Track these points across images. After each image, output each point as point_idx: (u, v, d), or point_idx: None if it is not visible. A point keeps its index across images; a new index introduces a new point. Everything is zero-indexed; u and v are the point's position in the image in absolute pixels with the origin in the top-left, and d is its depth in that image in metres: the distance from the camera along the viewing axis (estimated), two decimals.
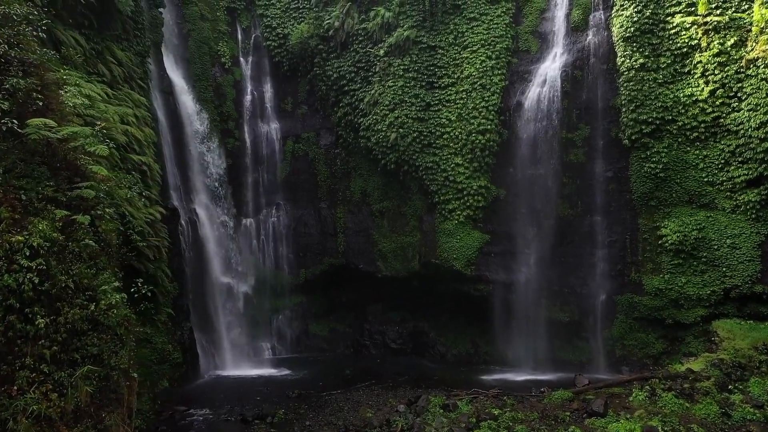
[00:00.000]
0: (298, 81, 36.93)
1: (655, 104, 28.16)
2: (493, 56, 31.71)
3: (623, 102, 28.84)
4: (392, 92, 32.71)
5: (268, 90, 37.03)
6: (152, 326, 25.03)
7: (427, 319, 34.84)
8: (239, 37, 36.78)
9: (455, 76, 32.36)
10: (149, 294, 15.22)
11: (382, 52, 33.38)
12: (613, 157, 29.65)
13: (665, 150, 28.08)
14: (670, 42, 28.16)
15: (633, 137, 28.58)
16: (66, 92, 13.88)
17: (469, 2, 32.70)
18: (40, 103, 12.10)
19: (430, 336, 34.29)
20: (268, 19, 36.57)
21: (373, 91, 33.40)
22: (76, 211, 11.68)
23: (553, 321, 30.79)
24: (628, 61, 28.74)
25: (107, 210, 12.76)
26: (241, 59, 36.61)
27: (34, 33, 13.77)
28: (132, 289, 14.36)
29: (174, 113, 31.01)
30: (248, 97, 36.44)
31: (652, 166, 28.27)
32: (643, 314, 28.62)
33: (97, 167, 12.76)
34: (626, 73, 28.75)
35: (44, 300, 10.48)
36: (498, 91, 31.38)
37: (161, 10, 31.35)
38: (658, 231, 28.31)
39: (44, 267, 10.50)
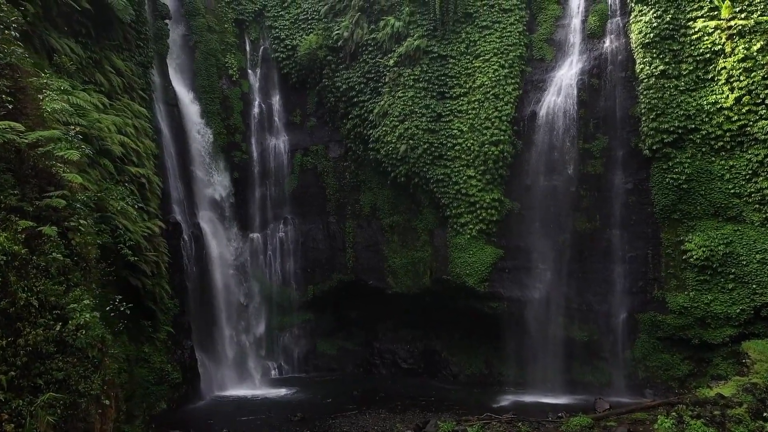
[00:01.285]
0: (306, 93, 36.19)
1: (677, 112, 26.85)
2: (507, 65, 30.68)
3: (643, 110, 27.58)
4: (402, 103, 31.78)
5: (276, 102, 36.33)
6: (150, 345, 24.16)
7: (439, 338, 33.53)
8: (247, 49, 36.21)
9: (467, 86, 31.35)
10: (128, 312, 14.12)
11: (392, 62, 32.52)
12: (633, 168, 28.34)
13: (688, 160, 26.70)
14: (692, 48, 26.89)
15: (654, 147, 27.26)
16: (45, 97, 13.05)
17: (481, 10, 31.78)
18: (10, 106, 11.25)
19: (443, 355, 32.94)
20: (277, 30, 35.98)
21: (382, 102, 32.51)
22: (44, 222, 10.75)
23: (571, 340, 29.32)
24: (647, 68, 27.52)
25: (82, 221, 11.80)
26: (249, 71, 35.99)
27: (12, 34, 12.94)
28: (108, 308, 13.32)
29: (179, 126, 30.35)
30: (256, 110, 35.75)
31: (674, 177, 26.89)
32: (667, 334, 27.08)
33: (72, 175, 11.85)
34: (646, 80, 27.52)
35: (1, 320, 9.50)
36: (511, 100, 30.28)
37: (167, 21, 30.89)
38: (682, 245, 26.84)
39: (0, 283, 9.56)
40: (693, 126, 26.61)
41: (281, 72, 36.16)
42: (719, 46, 26.21)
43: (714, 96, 26.24)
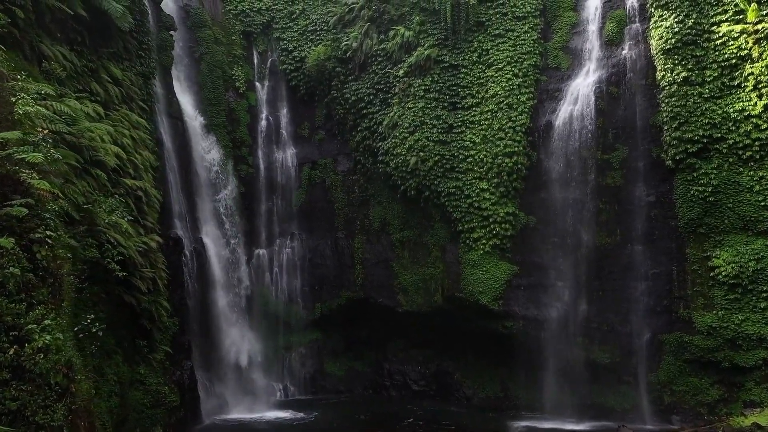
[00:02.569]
0: (315, 105, 35.34)
1: (702, 121, 25.49)
2: (520, 74, 29.57)
3: (665, 119, 26.26)
4: (412, 114, 30.76)
5: (284, 115, 35.50)
6: (146, 366, 22.99)
7: (451, 359, 32.12)
8: (255, 61, 35.51)
9: (479, 96, 30.27)
10: (100, 333, 13.01)
11: (401, 72, 31.59)
12: (655, 180, 26.97)
13: (714, 171, 25.26)
14: (717, 53, 25.59)
15: (677, 157, 25.89)
16: (19, 100, 12.13)
17: (493, 19, 30.81)
18: None
19: (455, 377, 31.48)
20: (285, 42, 35.27)
21: (392, 114, 31.51)
22: (3, 233, 9.70)
23: (592, 362, 27.79)
24: (669, 75, 26.26)
25: (50, 233, 10.74)
26: (257, 84, 35.24)
27: None
28: (77, 328, 12.22)
29: (182, 138, 29.56)
30: (263, 123, 34.93)
31: (699, 189, 25.43)
32: (695, 356, 25.44)
33: (40, 182, 10.83)
34: (668, 88, 26.24)
35: None
36: (526, 110, 29.13)
37: (172, 33, 30.25)
38: (709, 262, 25.32)
39: None
40: (719, 135, 25.25)
41: (289, 84, 35.38)
42: (746, 51, 24.93)
43: (741, 103, 24.91)
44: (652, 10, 27.31)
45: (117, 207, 17.57)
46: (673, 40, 26.20)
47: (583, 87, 28.59)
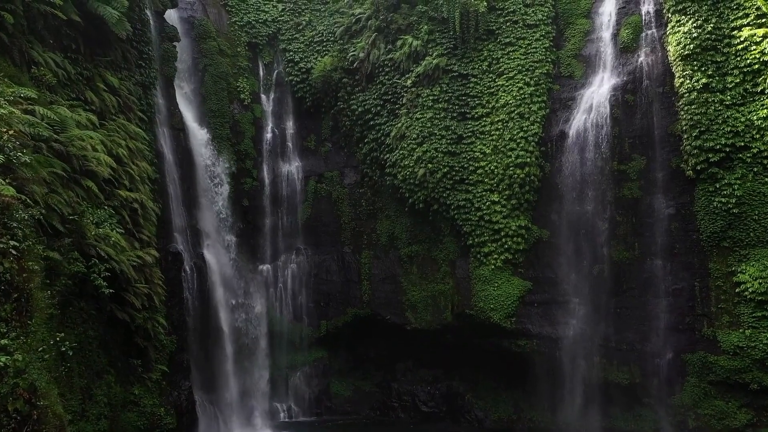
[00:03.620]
0: (321, 117, 34.56)
1: (723, 129, 24.32)
2: (532, 82, 28.63)
3: (685, 128, 25.13)
4: (420, 125, 29.86)
5: (290, 127, 34.72)
6: (141, 386, 21.95)
7: (462, 379, 30.91)
8: (261, 73, 34.84)
9: (490, 106, 29.34)
10: (70, 353, 12.02)
11: (409, 82, 30.77)
12: (675, 191, 25.80)
13: (738, 181, 24.01)
14: (738, 59, 24.48)
15: (698, 167, 24.70)
16: None
17: (504, 27, 29.98)
18: None
19: (466, 398, 30.22)
20: (291, 53, 34.60)
21: (399, 125, 30.63)
22: None
23: (610, 383, 26.51)
24: (688, 81, 25.15)
25: (17, 243, 9.82)
26: (262, 95, 34.54)
27: None
28: (41, 348, 11.24)
29: (184, 151, 28.79)
30: (268, 135, 34.15)
31: (722, 200, 24.19)
32: (721, 377, 24.03)
33: (4, 187, 9.94)
34: (687, 95, 25.13)
35: None
36: (538, 120, 28.15)
37: (175, 43, 29.67)
38: (734, 277, 24.00)
39: None
40: (742, 144, 24.08)
41: (295, 96, 34.65)
42: None
43: (765, 110, 23.82)
44: (669, 15, 26.31)
45: (106, 219, 16.72)
46: (691, 46, 25.14)
47: (597, 95, 27.57)
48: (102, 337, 19.17)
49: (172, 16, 30.77)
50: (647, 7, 27.56)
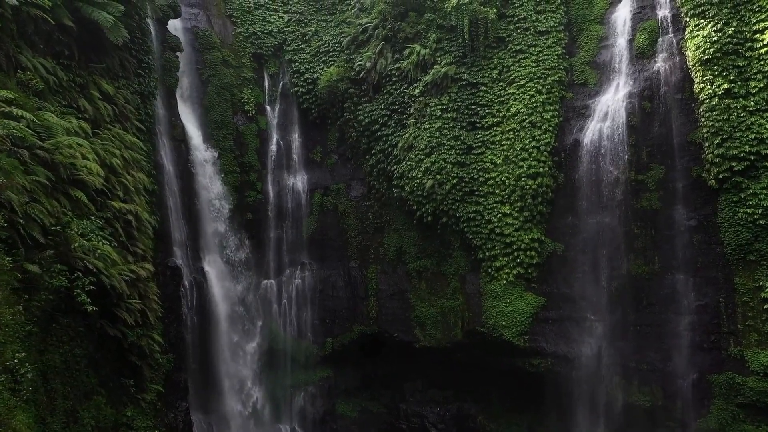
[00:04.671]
0: (327, 128, 33.73)
1: (747, 136, 23.14)
2: (544, 90, 27.67)
3: (706, 135, 23.96)
4: (428, 135, 28.92)
5: (295, 139, 33.91)
6: (134, 407, 20.86)
7: (474, 400, 29.70)
8: (266, 84, 34.13)
9: (500, 115, 28.37)
10: (30, 375, 11.02)
11: (417, 91, 29.91)
12: (697, 202, 24.58)
13: (764, 191, 22.81)
14: (762, 62, 23.38)
15: (721, 177, 23.49)
16: None
17: (514, 34, 29.14)
18: None
19: (478, 420, 29.05)
20: (297, 64, 33.90)
21: (407, 135, 29.72)
22: None
23: (630, 406, 25.25)
24: (709, 87, 24.02)
25: None
26: (267, 107, 33.80)
27: None
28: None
29: (185, 162, 28.07)
30: (273, 147, 33.34)
31: (748, 211, 22.92)
32: (750, 399, 22.63)
33: None
34: (708, 101, 23.99)
35: None
36: (551, 128, 27.13)
37: (177, 54, 29.07)
38: (762, 292, 22.66)
39: None
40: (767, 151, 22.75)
41: (301, 107, 33.88)
42: None
43: None
44: (687, 19, 25.27)
45: (94, 230, 15.77)
46: (711, 50, 24.05)
47: (613, 102, 26.51)
48: (91, 355, 18.17)
49: (175, 26, 30.28)
50: (664, 12, 26.56)
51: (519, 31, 29.08)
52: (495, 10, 29.06)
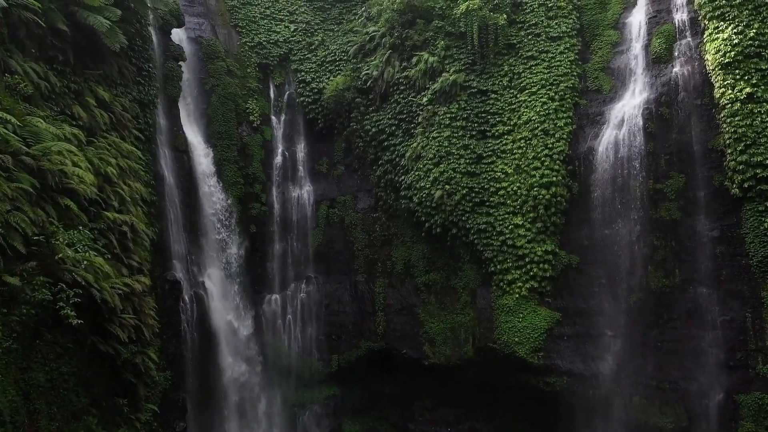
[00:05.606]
0: (334, 139, 32.98)
1: None
2: (557, 97, 26.77)
3: (728, 142, 22.85)
4: (437, 144, 28.04)
5: (301, 150, 33.17)
6: (128, 427, 19.92)
7: (486, 419, 28.55)
8: (271, 94, 33.50)
9: (511, 123, 27.46)
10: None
11: (425, 100, 29.09)
12: (719, 212, 23.39)
13: None
14: None
15: (745, 185, 22.35)
16: None
17: (525, 40, 28.34)
18: None
19: None
20: (303, 73, 33.26)
21: (415, 144, 28.85)
22: None
23: (652, 427, 23.96)
24: (730, 92, 22.96)
25: None
26: (273, 117, 33.13)
27: None
28: None
29: (187, 173, 27.38)
30: (278, 158, 32.61)
31: None
32: None
33: None
34: (729, 106, 22.92)
35: None
36: (564, 136, 26.18)
37: (180, 63, 28.52)
38: None
39: None
40: None
41: (307, 117, 33.18)
42: None
43: None
44: (706, 22, 24.27)
45: (82, 240, 14.94)
46: (732, 53, 23.01)
47: (628, 109, 25.51)
48: (81, 373, 17.29)
49: (179, 36, 29.78)
50: (681, 15, 25.58)
51: (530, 37, 28.27)
52: (505, 16, 28.26)
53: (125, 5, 21.81)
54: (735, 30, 23.16)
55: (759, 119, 22.28)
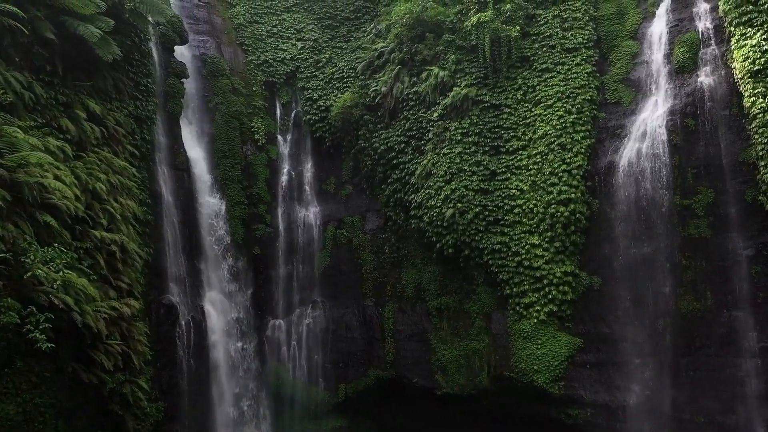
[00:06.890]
0: (341, 158, 31.83)
1: None
2: (574, 110, 25.48)
3: (761, 154, 21.30)
4: (448, 160, 26.75)
5: (308, 170, 32.05)
6: None
7: None
8: (278, 113, 32.56)
9: (526, 138, 26.15)
10: None
11: (436, 115, 27.93)
12: (754, 229, 21.76)
13: None
14: None
15: None
16: None
17: (539, 53, 27.22)
18: None
19: None
20: (310, 91, 32.32)
21: (425, 162, 27.59)
22: None
23: None
24: (761, 100, 21.50)
25: None
26: (279, 136, 32.12)
27: None
28: None
29: (187, 193, 26.31)
30: (284, 178, 31.49)
31: None
32: None
33: None
34: (760, 116, 21.45)
35: None
36: (582, 150, 24.80)
37: (183, 80, 27.71)
38: None
39: None
40: None
41: (314, 136, 32.14)
42: None
43: None
44: (732, 29, 22.93)
45: (57, 258, 13.71)
46: (762, 60, 21.59)
47: (651, 121, 24.09)
48: (60, 404, 15.96)
49: (182, 53, 29.03)
50: (705, 23, 24.32)
51: (545, 49, 27.11)
52: (518, 29, 27.17)
53: (121, 17, 20.98)
54: (764, 36, 21.77)
55: None
